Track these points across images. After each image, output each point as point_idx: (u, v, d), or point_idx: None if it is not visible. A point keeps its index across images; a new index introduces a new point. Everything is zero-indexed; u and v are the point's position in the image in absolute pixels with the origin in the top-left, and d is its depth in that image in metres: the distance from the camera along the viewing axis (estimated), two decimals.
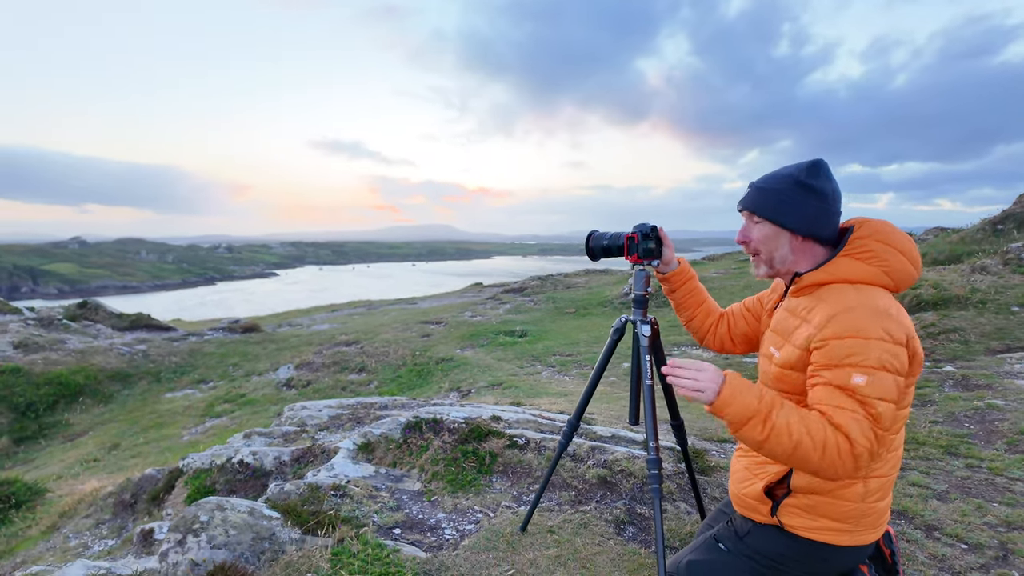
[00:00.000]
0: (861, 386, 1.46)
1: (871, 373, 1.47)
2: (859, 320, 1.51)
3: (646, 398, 2.21)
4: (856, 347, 1.48)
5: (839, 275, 1.64)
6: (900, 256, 1.62)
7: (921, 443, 3.91)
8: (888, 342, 1.48)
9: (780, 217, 1.71)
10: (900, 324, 1.51)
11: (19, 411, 9.22)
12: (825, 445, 1.44)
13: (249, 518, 2.80)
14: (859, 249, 1.65)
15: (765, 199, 1.73)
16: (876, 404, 1.46)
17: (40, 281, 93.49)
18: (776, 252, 1.75)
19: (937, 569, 2.47)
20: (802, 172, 1.71)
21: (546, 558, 2.50)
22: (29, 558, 4.07)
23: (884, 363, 1.47)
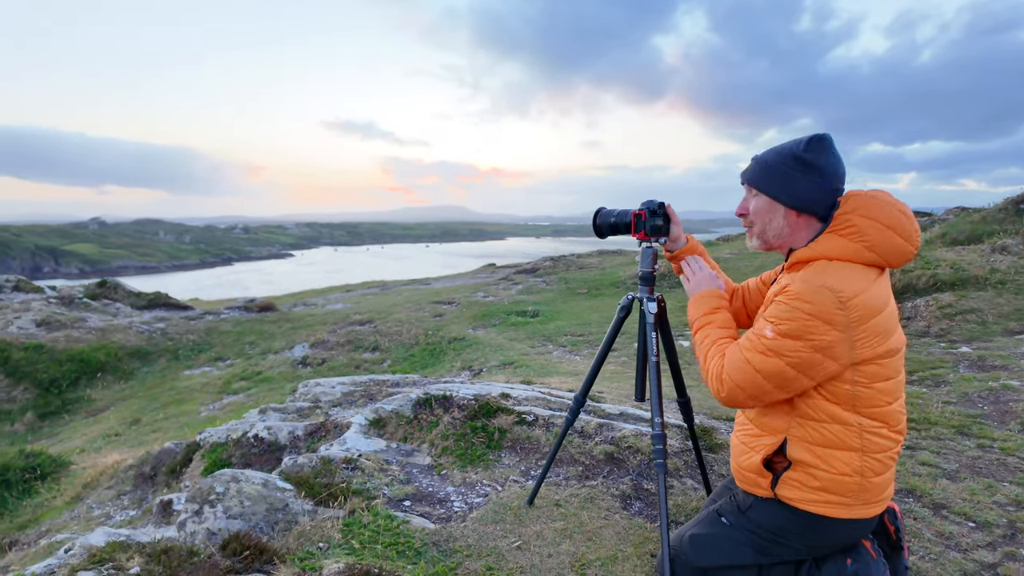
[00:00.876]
0: (767, 338, 1.60)
1: (781, 335, 1.58)
2: (800, 289, 1.57)
3: (652, 375, 2.23)
4: (783, 310, 1.58)
5: (822, 252, 1.64)
6: (885, 231, 1.59)
7: (933, 423, 3.89)
8: (811, 319, 1.53)
9: (775, 191, 1.73)
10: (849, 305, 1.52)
11: (43, 387, 9.47)
12: (709, 368, 1.77)
13: (263, 489, 2.87)
14: (842, 225, 1.64)
15: (763, 172, 1.75)
16: (768, 355, 1.59)
17: (62, 261, 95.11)
18: (769, 225, 1.77)
19: (943, 546, 2.48)
20: (800, 146, 1.70)
21: (552, 530, 2.54)
22: (54, 527, 4.21)
23: (793, 332, 1.56)
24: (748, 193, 1.82)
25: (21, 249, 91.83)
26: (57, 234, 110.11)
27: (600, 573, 2.27)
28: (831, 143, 1.68)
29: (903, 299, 6.85)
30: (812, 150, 1.67)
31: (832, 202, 1.69)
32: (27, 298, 12.42)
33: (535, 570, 2.28)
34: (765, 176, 1.74)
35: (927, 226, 12.18)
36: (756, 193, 1.77)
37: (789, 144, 1.74)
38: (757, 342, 1.63)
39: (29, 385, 9.33)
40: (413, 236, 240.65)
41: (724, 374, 1.69)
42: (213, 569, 2.24)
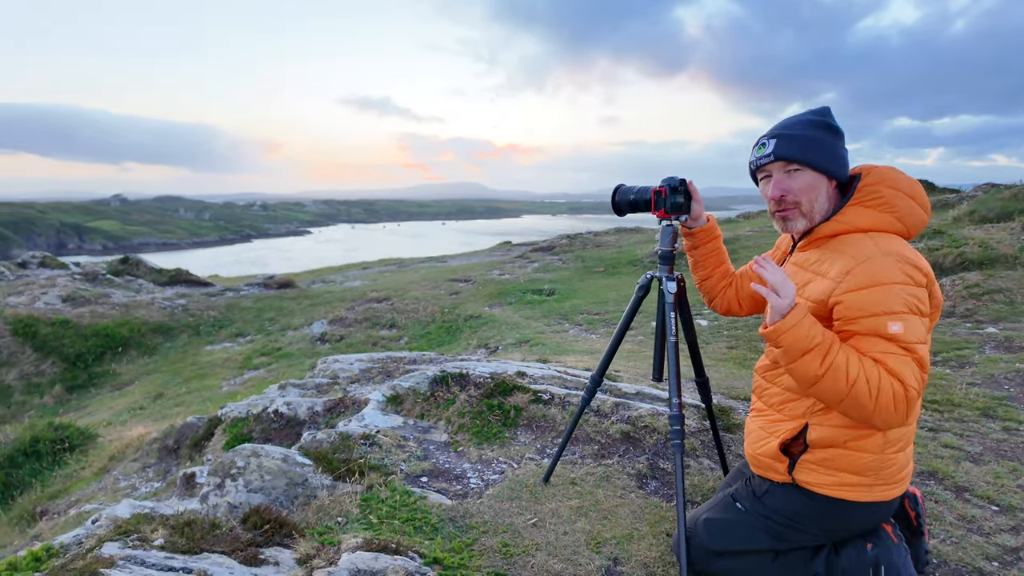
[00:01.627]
0: (900, 334, 1.45)
1: (904, 319, 1.45)
2: (880, 268, 1.49)
3: (670, 355, 2.21)
4: (883, 295, 1.47)
5: (852, 224, 1.62)
6: (910, 201, 1.60)
7: (957, 404, 3.82)
8: (911, 284, 1.48)
9: (826, 162, 1.65)
10: (919, 266, 1.51)
11: (70, 361, 9.70)
12: (880, 389, 1.41)
13: (283, 464, 2.91)
14: (869, 196, 1.62)
15: (800, 144, 1.65)
16: (917, 348, 1.46)
17: (86, 238, 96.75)
18: (816, 201, 1.67)
19: (965, 530, 2.44)
20: (822, 115, 1.69)
21: (568, 508, 2.55)
22: (83, 497, 4.33)
23: (911, 306, 1.47)
24: (779, 172, 1.70)
25: (46, 226, 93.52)
26: (81, 211, 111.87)
27: (615, 551, 2.27)
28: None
29: None
30: (832, 117, 1.68)
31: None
32: (52, 274, 12.67)
33: (551, 547, 2.29)
34: (814, 149, 1.64)
35: (955, 203, 11.87)
36: (798, 168, 1.66)
37: (807, 116, 1.71)
38: (892, 345, 1.44)
39: (56, 359, 9.57)
40: (429, 213, 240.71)
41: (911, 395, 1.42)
42: (234, 542, 2.28)
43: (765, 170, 1.74)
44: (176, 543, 2.26)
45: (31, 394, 8.94)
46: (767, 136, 1.73)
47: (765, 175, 1.76)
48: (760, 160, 1.74)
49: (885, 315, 1.46)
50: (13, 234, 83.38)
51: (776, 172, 1.71)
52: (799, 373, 1.49)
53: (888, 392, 1.41)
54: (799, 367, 1.48)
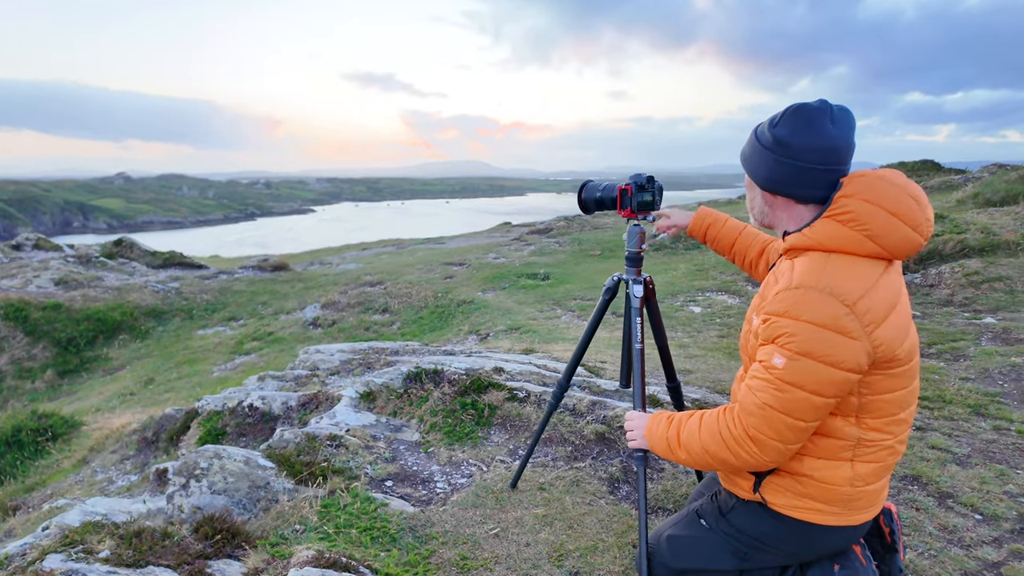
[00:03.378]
0: (777, 368, 1.36)
1: (792, 358, 1.34)
2: (799, 300, 1.36)
3: (636, 362, 2.09)
4: (785, 327, 1.36)
5: (817, 240, 1.44)
6: (891, 218, 1.38)
7: (948, 402, 3.71)
8: (826, 329, 1.32)
9: (747, 167, 1.61)
10: (856, 309, 1.33)
11: (61, 346, 9.67)
12: (723, 437, 1.46)
13: (245, 467, 2.83)
14: (840, 210, 1.42)
15: (744, 147, 1.63)
16: (788, 389, 1.35)
17: (90, 216, 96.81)
18: (753, 203, 1.65)
19: (945, 541, 2.35)
20: (768, 122, 1.54)
21: (533, 516, 2.46)
22: (58, 490, 4.29)
23: (808, 351, 1.33)
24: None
25: (51, 204, 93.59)
26: (85, 189, 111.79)
27: (578, 564, 2.19)
28: (813, 115, 1.44)
29: (927, 265, 6.54)
30: (783, 125, 1.47)
31: (816, 182, 1.48)
32: (46, 257, 12.60)
33: (510, 560, 2.21)
34: (743, 151, 1.63)
35: (959, 184, 11.62)
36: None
37: (762, 123, 1.59)
38: (769, 377, 1.38)
39: (48, 344, 9.53)
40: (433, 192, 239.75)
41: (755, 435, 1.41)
42: (182, 554, 2.21)
43: None
44: (122, 555, 2.19)
45: (22, 379, 8.92)
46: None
47: None
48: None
49: (777, 347, 1.37)
50: (18, 212, 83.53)
51: None
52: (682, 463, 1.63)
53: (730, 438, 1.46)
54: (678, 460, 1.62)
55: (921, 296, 6.08)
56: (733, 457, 1.46)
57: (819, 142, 1.43)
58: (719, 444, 1.47)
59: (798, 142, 1.44)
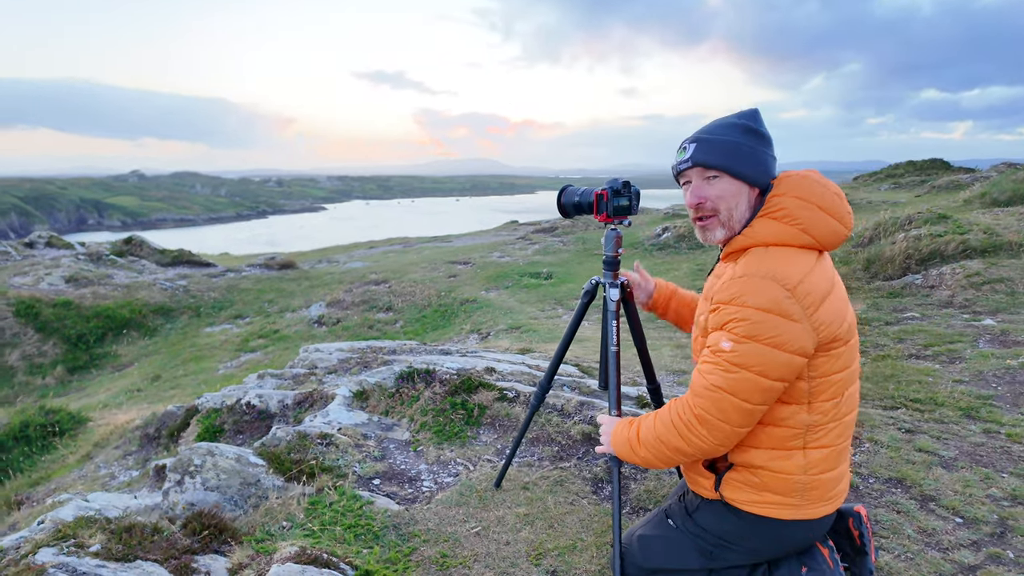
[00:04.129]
0: (725, 351, 1.43)
1: (739, 341, 1.41)
2: (744, 287, 1.43)
3: (611, 365, 2.12)
4: (733, 313, 1.43)
5: (758, 238, 1.53)
6: (820, 213, 1.51)
7: (939, 404, 3.70)
8: (770, 313, 1.40)
9: (747, 169, 1.57)
10: (797, 292, 1.41)
11: (71, 342, 9.83)
12: (674, 423, 1.52)
13: (236, 464, 2.89)
14: (775, 208, 1.53)
15: (720, 150, 1.57)
16: (735, 371, 1.41)
17: (105, 214, 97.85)
18: (736, 210, 1.60)
19: (923, 544, 2.36)
20: (746, 118, 1.59)
21: (515, 516, 2.50)
22: (62, 485, 4.38)
23: (755, 334, 1.40)
24: (698, 179, 1.62)
25: (67, 202, 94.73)
26: (100, 187, 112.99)
27: (556, 563, 2.23)
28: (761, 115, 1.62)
29: (928, 266, 6.51)
30: (759, 121, 1.58)
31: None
32: (58, 254, 12.79)
33: (490, 558, 2.25)
34: (734, 154, 1.57)
35: (967, 184, 11.49)
36: (715, 175, 1.59)
37: (730, 119, 1.62)
38: (717, 360, 1.45)
39: (58, 340, 9.70)
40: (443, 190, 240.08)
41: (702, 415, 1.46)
42: (170, 549, 2.27)
43: (685, 175, 1.66)
44: (112, 550, 2.25)
45: (33, 375, 9.09)
46: (688, 140, 1.65)
47: (686, 181, 1.67)
48: (680, 165, 1.66)
49: (724, 332, 1.44)
50: (35, 210, 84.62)
51: (695, 178, 1.63)
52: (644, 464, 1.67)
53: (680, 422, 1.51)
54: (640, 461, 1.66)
55: (921, 297, 6.05)
56: (685, 443, 1.51)
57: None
58: (671, 431, 1.52)
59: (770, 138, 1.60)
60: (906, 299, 6.12)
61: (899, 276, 6.60)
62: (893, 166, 18.86)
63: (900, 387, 4.00)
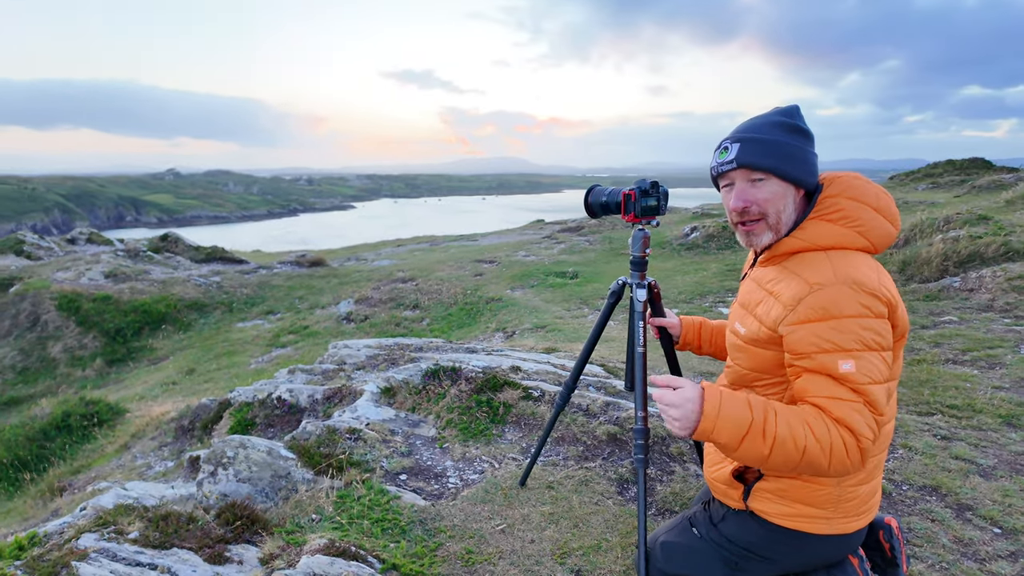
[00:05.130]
0: (851, 373, 1.32)
1: (857, 356, 1.33)
2: (834, 299, 1.35)
3: (637, 366, 2.12)
4: (835, 330, 1.34)
5: (812, 240, 1.47)
6: (874, 213, 1.46)
7: (978, 411, 3.60)
8: (869, 317, 1.34)
9: (788, 168, 1.49)
10: (877, 295, 1.36)
11: (110, 336, 10.16)
12: (832, 446, 1.30)
13: (267, 457, 2.96)
14: (829, 209, 1.47)
15: (768, 150, 1.49)
16: (870, 389, 1.32)
17: (142, 211, 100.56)
18: (783, 213, 1.52)
19: (958, 554, 2.30)
20: (790, 116, 1.53)
21: (540, 514, 2.51)
22: (101, 474, 4.53)
23: (867, 342, 1.33)
24: (743, 181, 1.54)
25: (106, 199, 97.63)
26: (137, 185, 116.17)
27: (580, 562, 2.23)
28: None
29: (967, 268, 6.31)
30: (801, 119, 1.53)
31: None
32: (98, 250, 13.22)
33: (514, 555, 2.26)
34: (782, 154, 1.49)
35: (1010, 184, 11.11)
36: (761, 176, 1.51)
37: (773, 117, 1.55)
38: (842, 388, 1.33)
39: (98, 334, 10.03)
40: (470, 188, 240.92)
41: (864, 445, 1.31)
42: (204, 538, 2.34)
43: (727, 177, 1.57)
44: (149, 537, 2.33)
45: (74, 367, 9.43)
46: (730, 139, 1.56)
47: (727, 183, 1.59)
48: (722, 167, 1.57)
49: (836, 352, 1.34)
50: (76, 207, 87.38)
51: (739, 180, 1.54)
52: (747, 457, 1.37)
53: (840, 447, 1.31)
54: (744, 452, 1.36)
55: (959, 301, 5.88)
56: (833, 466, 1.33)
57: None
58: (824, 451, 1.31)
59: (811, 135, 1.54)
60: (943, 302, 5.96)
61: (936, 279, 6.42)
62: (931, 165, 18.28)
63: (936, 393, 3.90)
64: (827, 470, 1.33)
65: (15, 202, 78.44)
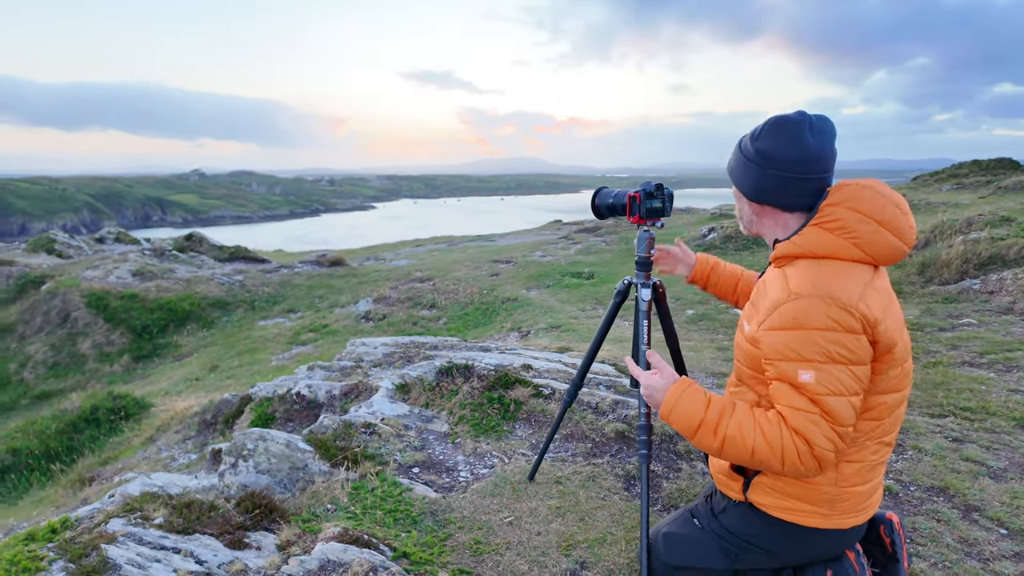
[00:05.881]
0: (809, 383, 1.37)
1: (818, 368, 1.37)
2: (805, 310, 1.39)
3: (642, 363, 2.17)
4: (798, 340, 1.39)
5: (806, 247, 1.50)
6: (876, 226, 1.44)
7: (991, 413, 3.58)
8: (836, 331, 1.37)
9: (733, 179, 1.67)
10: (854, 309, 1.37)
11: (136, 332, 10.45)
12: (784, 451, 1.39)
13: (286, 449, 3.07)
14: (827, 218, 1.48)
15: (730, 159, 1.69)
16: (827, 400, 1.36)
17: (168, 211, 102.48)
18: (742, 213, 1.71)
19: (962, 554, 2.32)
20: (749, 135, 1.60)
21: (547, 508, 2.58)
22: (128, 465, 4.70)
23: (831, 355, 1.37)
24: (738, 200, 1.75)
25: (133, 199, 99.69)
26: (163, 185, 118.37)
27: (585, 555, 2.29)
28: (792, 128, 1.50)
29: (988, 271, 6.23)
30: (764, 138, 1.54)
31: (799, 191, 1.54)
32: (126, 250, 13.58)
33: (521, 547, 2.33)
34: (729, 164, 1.69)
35: None
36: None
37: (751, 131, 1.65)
38: (800, 398, 1.38)
39: (125, 330, 10.33)
40: (489, 189, 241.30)
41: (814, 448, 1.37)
42: (225, 524, 2.44)
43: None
44: (173, 523, 2.44)
45: (102, 362, 9.72)
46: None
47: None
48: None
49: (797, 361, 1.38)
50: (105, 207, 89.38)
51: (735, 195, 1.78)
52: (702, 447, 1.52)
53: (792, 453, 1.38)
54: (697, 443, 1.51)
55: (979, 303, 5.81)
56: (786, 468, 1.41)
57: (799, 153, 1.49)
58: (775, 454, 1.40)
59: (780, 154, 1.51)
60: (962, 305, 5.89)
61: (956, 281, 6.34)
62: (956, 165, 17.90)
63: (950, 395, 3.88)
64: (782, 470, 1.42)
65: (47, 202, 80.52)
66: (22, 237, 42.20)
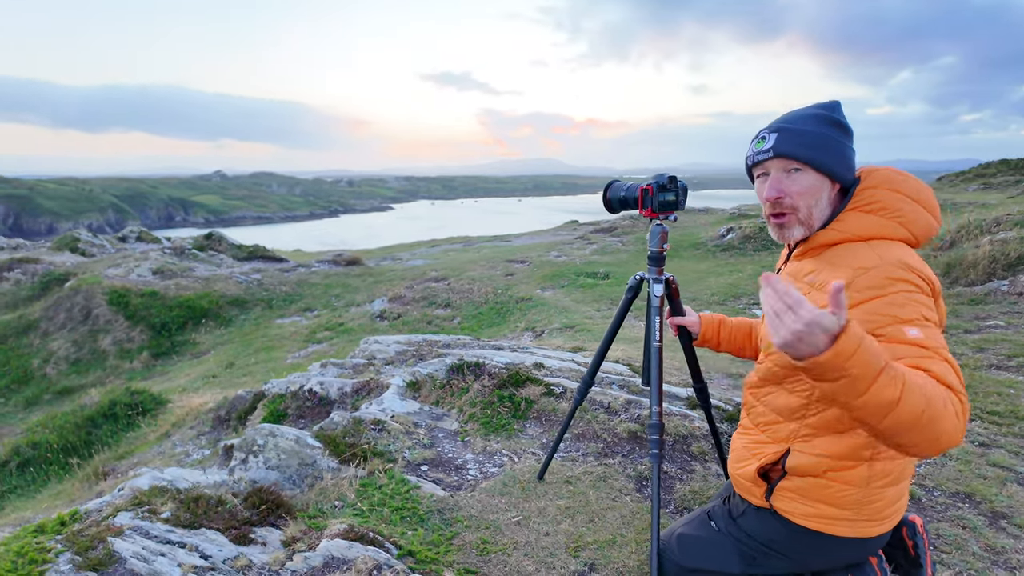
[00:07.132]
0: (920, 339, 1.23)
1: (922, 325, 1.26)
2: (882, 278, 1.32)
3: (653, 361, 2.12)
4: (891, 304, 1.29)
5: (850, 232, 1.45)
6: (915, 205, 1.44)
7: (1020, 418, 3.45)
8: (919, 292, 1.31)
9: (832, 163, 1.48)
10: (925, 276, 1.35)
11: (156, 330, 10.59)
12: (947, 400, 1.12)
13: (295, 445, 3.06)
14: (867, 201, 1.46)
15: (806, 141, 1.48)
16: (944, 354, 1.23)
17: (191, 211, 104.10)
18: (816, 207, 1.51)
19: (989, 562, 2.22)
20: (831, 109, 1.53)
21: (556, 508, 2.53)
22: (143, 460, 4.74)
23: (925, 315, 1.29)
24: (778, 171, 1.53)
25: (156, 200, 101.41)
26: (186, 186, 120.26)
27: (594, 556, 2.24)
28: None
29: (1017, 271, 6.05)
30: (842, 113, 1.52)
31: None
32: (147, 248, 13.80)
33: (529, 547, 2.29)
34: (820, 146, 1.48)
35: None
36: (798, 167, 1.50)
37: (813, 110, 1.55)
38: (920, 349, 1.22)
39: (145, 328, 10.48)
40: (506, 190, 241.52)
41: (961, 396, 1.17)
42: (231, 520, 2.43)
43: (763, 167, 1.57)
44: (180, 517, 2.44)
45: (123, 359, 9.86)
46: (768, 129, 1.56)
47: (762, 173, 1.59)
48: (758, 156, 1.56)
49: (899, 323, 1.26)
50: (129, 207, 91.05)
51: (775, 170, 1.54)
52: (875, 402, 1.09)
53: (954, 400, 1.14)
54: (873, 396, 1.09)
55: (1007, 305, 5.63)
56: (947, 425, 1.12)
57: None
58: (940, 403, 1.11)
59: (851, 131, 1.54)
60: (990, 306, 5.72)
61: (983, 282, 6.17)
62: (983, 165, 17.50)
63: (977, 398, 3.75)
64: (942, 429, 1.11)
65: (74, 202, 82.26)
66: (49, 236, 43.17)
